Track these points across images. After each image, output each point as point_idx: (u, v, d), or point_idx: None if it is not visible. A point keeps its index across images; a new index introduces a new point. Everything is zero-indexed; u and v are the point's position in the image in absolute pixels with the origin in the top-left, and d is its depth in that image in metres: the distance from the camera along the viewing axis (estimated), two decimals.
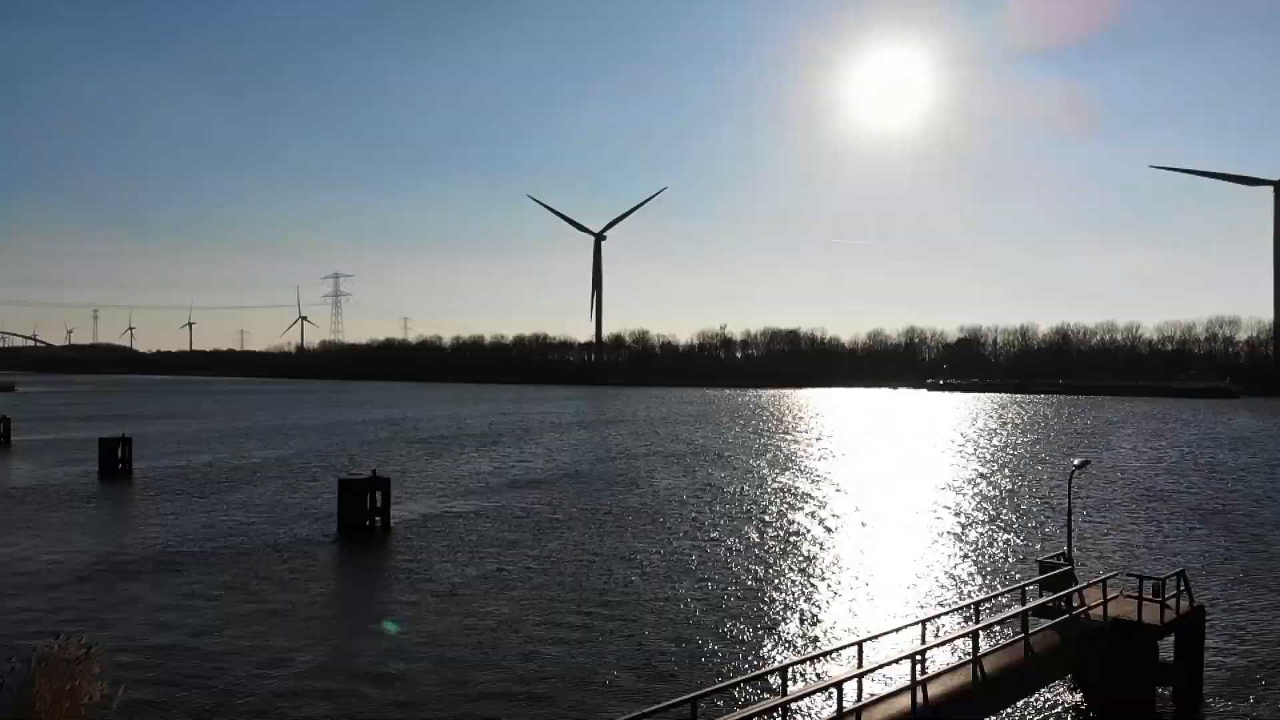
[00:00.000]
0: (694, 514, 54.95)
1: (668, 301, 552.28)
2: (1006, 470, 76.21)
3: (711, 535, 48.50)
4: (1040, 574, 26.05)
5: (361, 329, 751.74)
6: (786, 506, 57.80)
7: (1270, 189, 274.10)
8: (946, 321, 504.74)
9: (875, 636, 22.51)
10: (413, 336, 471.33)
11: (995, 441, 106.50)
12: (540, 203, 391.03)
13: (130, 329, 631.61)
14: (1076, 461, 30.21)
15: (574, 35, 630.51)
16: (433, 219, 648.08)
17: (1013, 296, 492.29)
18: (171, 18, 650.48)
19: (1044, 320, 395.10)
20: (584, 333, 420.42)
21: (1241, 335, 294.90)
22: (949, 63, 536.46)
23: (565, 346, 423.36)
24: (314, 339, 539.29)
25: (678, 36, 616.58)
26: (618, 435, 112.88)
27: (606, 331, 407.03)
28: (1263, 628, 30.88)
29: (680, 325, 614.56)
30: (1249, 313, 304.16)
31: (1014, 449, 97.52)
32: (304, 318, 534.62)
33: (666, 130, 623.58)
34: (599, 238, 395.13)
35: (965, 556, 42.88)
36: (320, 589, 37.96)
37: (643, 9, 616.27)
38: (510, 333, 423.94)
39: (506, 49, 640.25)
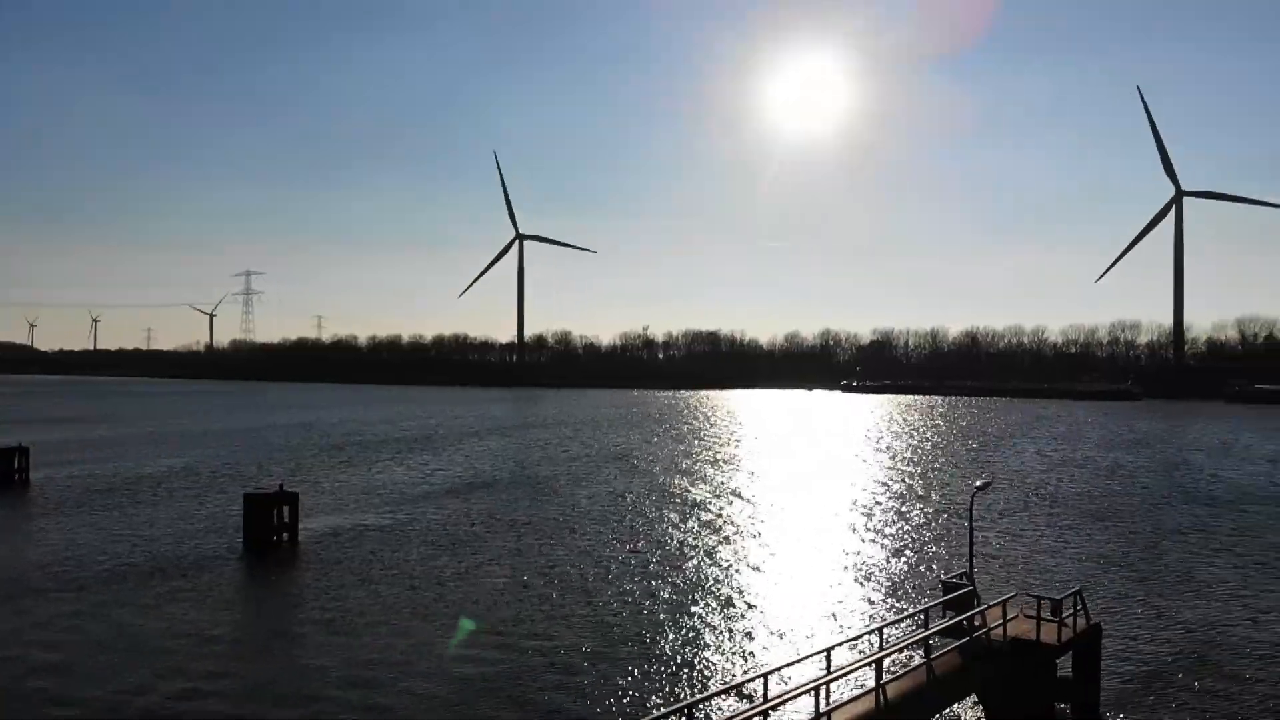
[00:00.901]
0: (613, 525, 54.84)
1: (591, 302, 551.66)
2: (914, 481, 77.06)
3: (628, 549, 48.43)
4: (943, 594, 26.62)
5: (274, 328, 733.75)
6: (700, 521, 57.94)
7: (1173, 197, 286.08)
8: (861, 324, 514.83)
9: (780, 668, 22.73)
10: (327, 336, 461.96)
11: (904, 448, 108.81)
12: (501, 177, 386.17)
13: (31, 326, 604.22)
14: (979, 483, 30.95)
15: (501, 36, 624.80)
16: (350, 216, 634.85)
17: (924, 299, 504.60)
18: (84, 9, 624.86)
19: (954, 323, 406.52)
20: (505, 333, 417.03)
21: (1142, 339, 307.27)
22: (864, 69, 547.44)
23: (486, 347, 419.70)
24: (224, 338, 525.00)
25: (605, 41, 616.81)
26: (539, 440, 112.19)
27: (528, 332, 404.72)
28: (1155, 641, 32.06)
29: (603, 326, 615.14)
30: (1149, 317, 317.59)
31: (922, 457, 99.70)
32: (214, 316, 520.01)
33: (594, 132, 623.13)
34: (522, 237, 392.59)
35: (871, 576, 42.45)
36: (224, 609, 36.82)
37: (571, 12, 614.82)
38: (429, 333, 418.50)
39: (432, 49, 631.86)
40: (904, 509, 61.32)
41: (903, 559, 46.33)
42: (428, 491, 68.17)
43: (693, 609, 36.65)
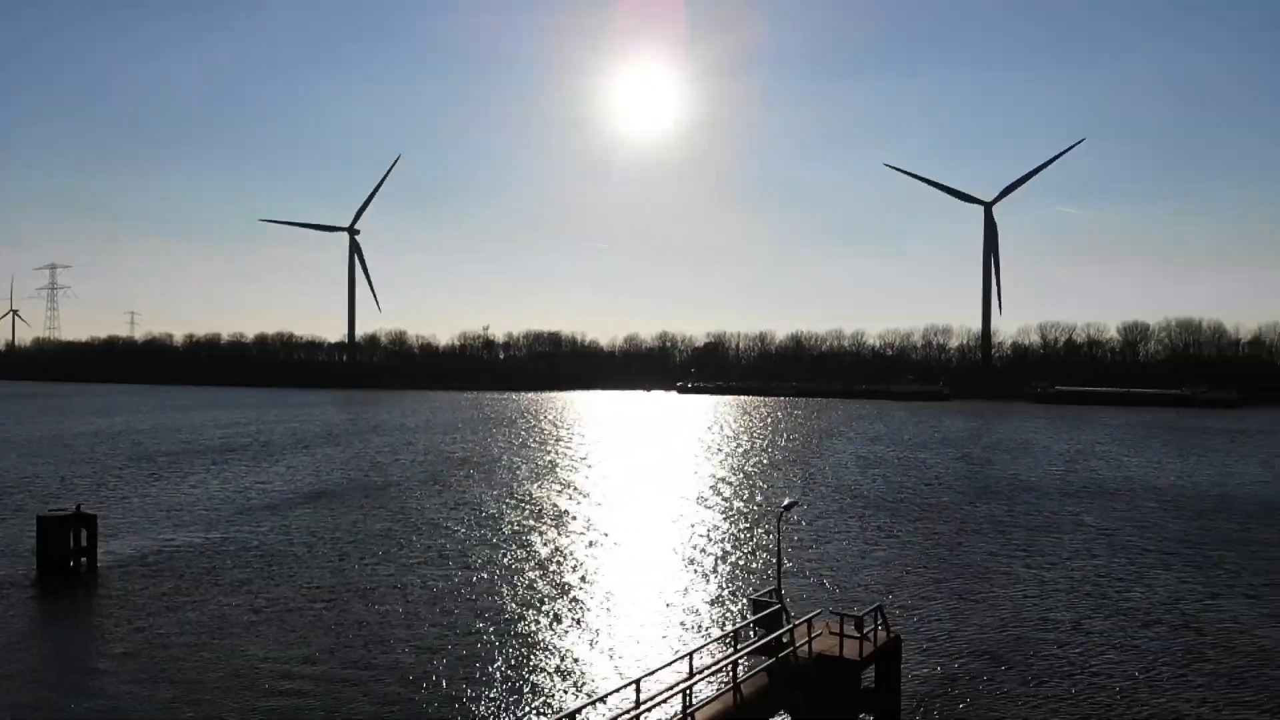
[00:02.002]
0: (443, 539, 53.90)
1: (429, 302, 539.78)
2: (735, 491, 78.23)
3: (456, 565, 47.75)
4: (753, 613, 27.56)
5: (81, 326, 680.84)
6: (520, 542, 57.57)
7: (981, 208, 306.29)
8: (697, 326, 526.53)
9: (592, 702, 22.85)
10: (140, 334, 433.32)
11: (729, 453, 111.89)
12: (276, 222, 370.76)
13: None
14: (786, 501, 32.20)
15: (328, 27, 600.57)
16: (166, 207, 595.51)
17: (754, 303, 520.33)
18: None
19: (781, 327, 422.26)
20: (335, 332, 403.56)
21: (953, 342, 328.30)
22: (697, 76, 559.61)
23: (314, 346, 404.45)
24: (26, 336, 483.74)
25: (440, 35, 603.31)
26: (369, 448, 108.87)
27: (360, 331, 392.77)
28: (953, 646, 34.13)
29: (441, 326, 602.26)
30: (960, 322, 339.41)
31: (745, 463, 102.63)
32: (15, 312, 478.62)
33: (430, 132, 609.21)
34: (352, 232, 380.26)
35: (685, 597, 41.41)
36: (15, 643, 33.98)
37: (402, 5, 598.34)
38: (251, 331, 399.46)
39: (256, 37, 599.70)
40: (722, 523, 60.16)
41: (717, 577, 45.46)
42: (245, 507, 64.98)
43: (495, 639, 35.48)
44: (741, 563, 48.65)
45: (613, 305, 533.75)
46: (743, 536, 55.83)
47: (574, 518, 62.05)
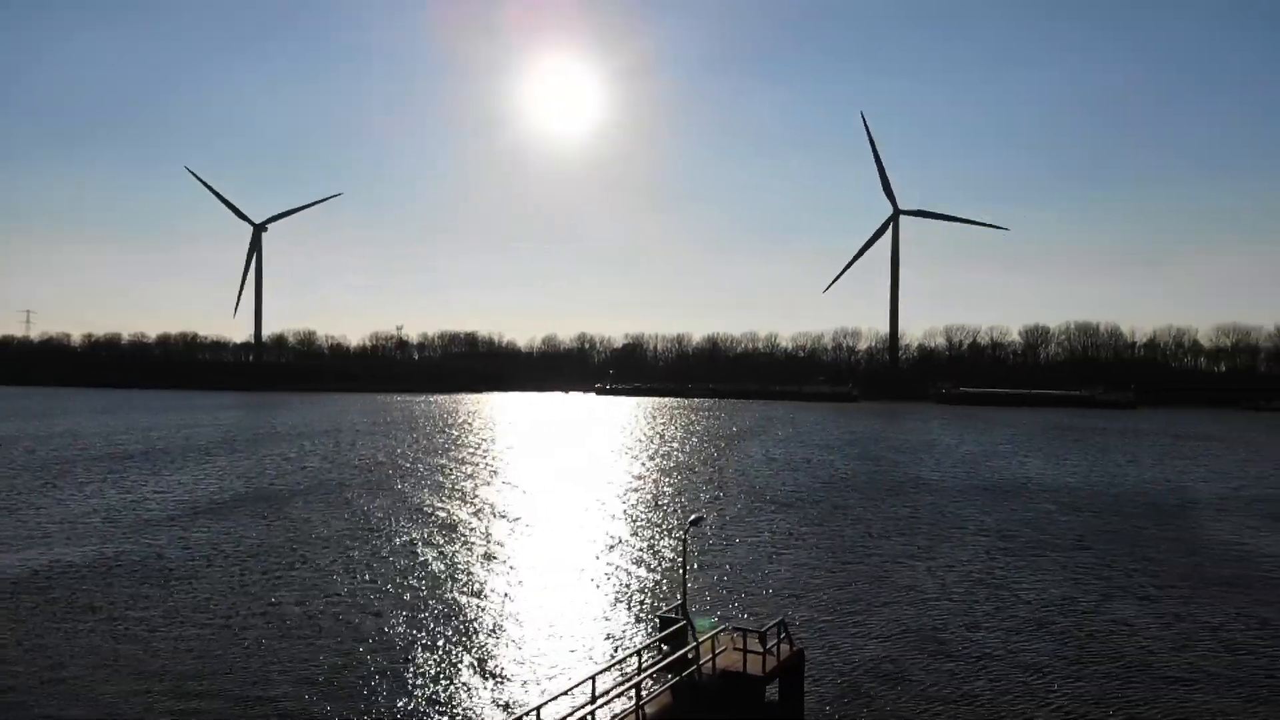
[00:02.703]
0: (344, 554, 52.56)
1: (340, 302, 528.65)
2: (646, 499, 77.51)
3: (355, 581, 46.76)
4: (660, 630, 27.70)
5: None
6: (429, 552, 56.62)
7: (889, 212, 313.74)
8: (615, 327, 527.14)
9: None
10: (36, 334, 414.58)
11: (644, 457, 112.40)
12: (199, 178, 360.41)
13: None
14: (692, 518, 32.36)
15: (228, 25, 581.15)
16: (62, 203, 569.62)
17: (672, 305, 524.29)
18: None
19: (698, 329, 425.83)
20: (242, 332, 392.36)
21: (862, 345, 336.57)
22: (614, 75, 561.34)
23: (219, 347, 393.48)
24: None
25: (348, 32, 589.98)
26: (276, 454, 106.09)
27: (268, 331, 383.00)
28: (855, 657, 34.45)
29: (353, 327, 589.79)
30: (869, 325, 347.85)
31: (658, 468, 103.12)
32: None
33: (340, 129, 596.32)
34: (260, 229, 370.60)
35: (592, 614, 40.07)
36: None
37: (313, 5, 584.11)
38: (154, 331, 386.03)
39: (162, 36, 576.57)
40: (632, 537, 58.22)
41: (625, 593, 44.07)
42: (144, 518, 62.60)
43: (384, 665, 34.20)
44: (651, 577, 47.56)
45: (531, 306, 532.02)
46: (653, 549, 54.68)
47: (478, 531, 60.71)
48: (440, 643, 36.35)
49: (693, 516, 32.72)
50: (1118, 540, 58.07)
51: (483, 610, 41.37)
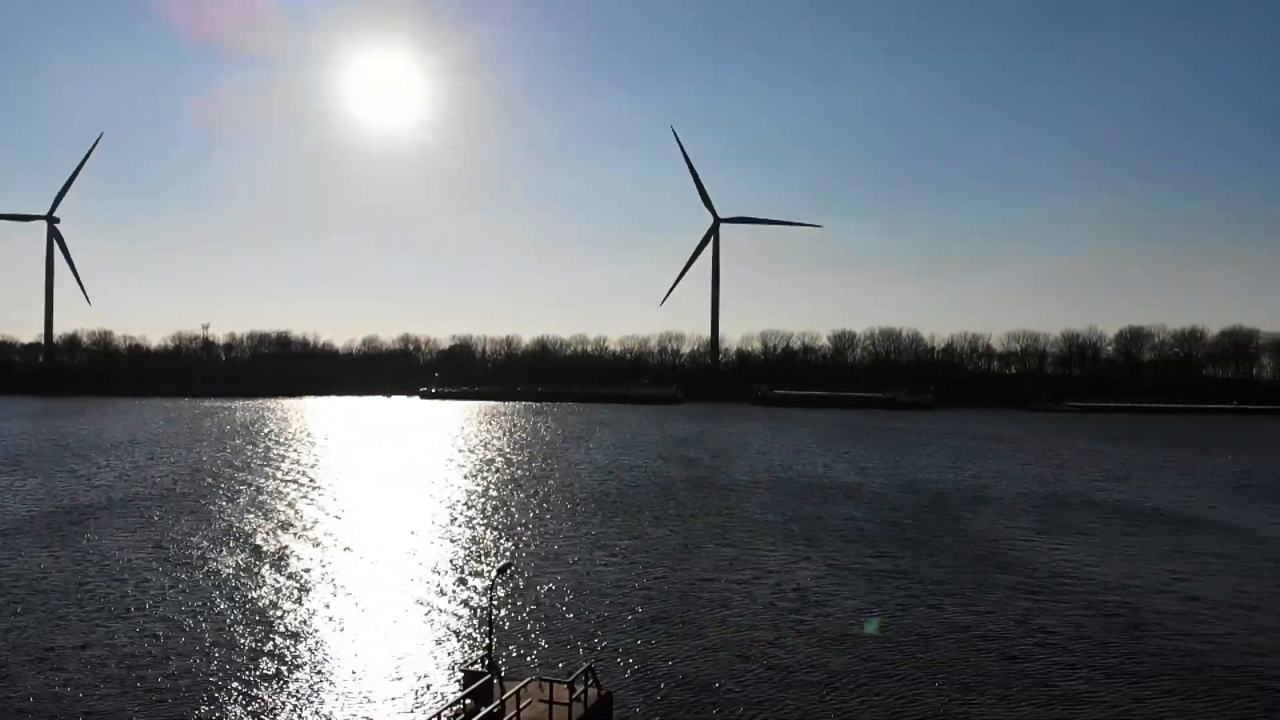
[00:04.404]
0: (136, 592, 48.99)
1: (140, 299, 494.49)
2: (458, 532, 73.61)
3: (138, 626, 44.05)
4: (463, 685, 26.96)
5: None
6: (219, 592, 54.20)
7: (710, 219, 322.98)
8: (441, 329, 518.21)
9: None
10: None
11: (464, 474, 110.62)
12: None
13: None
14: (500, 564, 31.63)
15: (19, 12, 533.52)
16: None
17: (501, 306, 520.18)
18: None
19: (527, 331, 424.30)
20: (30, 331, 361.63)
21: (686, 349, 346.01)
22: (450, 71, 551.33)
23: (5, 347, 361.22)
24: None
25: (147, 26, 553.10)
26: (63, 470, 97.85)
27: (60, 331, 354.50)
28: (665, 692, 33.86)
29: (155, 327, 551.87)
30: (692, 329, 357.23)
31: (477, 487, 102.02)
32: None
33: (141, 116, 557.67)
34: (52, 220, 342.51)
35: (389, 668, 35.90)
36: None
37: None
38: None
39: None
40: (439, 579, 51.35)
41: (429, 645, 39.41)
42: None
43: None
44: (458, 625, 42.61)
45: (350, 305, 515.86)
46: (463, 590, 49.31)
47: (277, 565, 55.45)
48: (219, 697, 33.77)
49: (500, 564, 32.11)
50: (912, 544, 61.92)
51: (276, 659, 38.15)
